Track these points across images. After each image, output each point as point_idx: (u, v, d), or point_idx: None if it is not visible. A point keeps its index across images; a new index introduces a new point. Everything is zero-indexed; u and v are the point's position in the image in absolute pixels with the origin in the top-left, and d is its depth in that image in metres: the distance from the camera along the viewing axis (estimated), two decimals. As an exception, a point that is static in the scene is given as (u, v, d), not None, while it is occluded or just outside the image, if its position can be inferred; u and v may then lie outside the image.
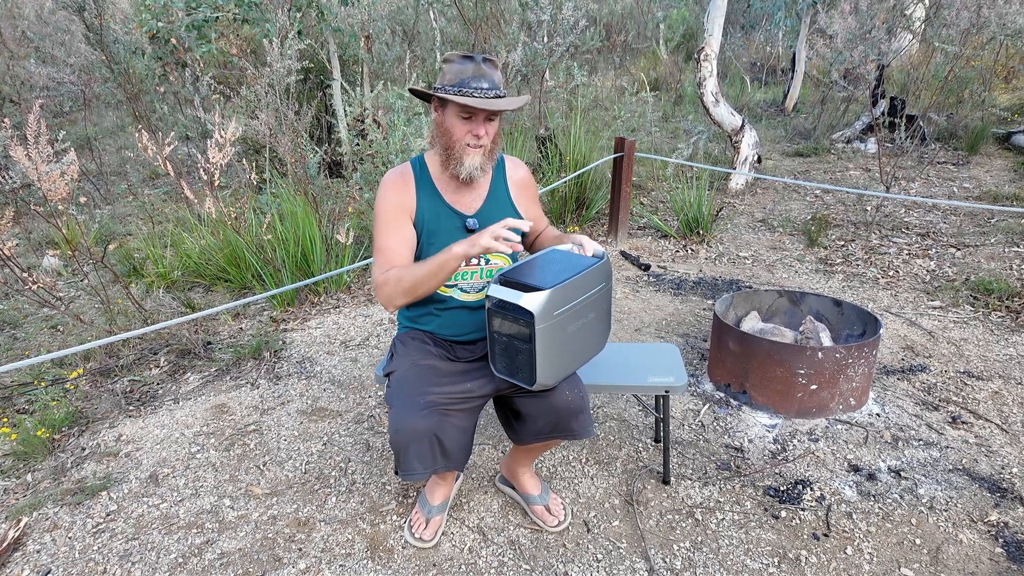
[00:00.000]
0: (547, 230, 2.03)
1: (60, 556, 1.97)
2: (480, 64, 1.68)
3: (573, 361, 1.71)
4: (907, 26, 6.36)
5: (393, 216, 1.77)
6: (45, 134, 2.66)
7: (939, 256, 4.10)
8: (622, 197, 4.44)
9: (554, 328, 1.58)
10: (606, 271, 1.71)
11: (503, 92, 1.71)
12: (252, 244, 3.63)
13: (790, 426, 2.47)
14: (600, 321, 1.76)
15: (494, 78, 1.69)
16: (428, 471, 1.66)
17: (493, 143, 1.76)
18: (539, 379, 1.61)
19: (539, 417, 1.74)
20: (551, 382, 1.66)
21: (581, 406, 1.74)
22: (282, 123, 3.98)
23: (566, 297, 1.59)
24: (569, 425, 1.74)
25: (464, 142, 1.71)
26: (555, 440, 1.82)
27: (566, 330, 1.63)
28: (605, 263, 1.70)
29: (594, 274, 1.66)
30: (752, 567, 1.85)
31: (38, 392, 2.80)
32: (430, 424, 1.63)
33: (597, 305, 1.71)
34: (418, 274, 1.67)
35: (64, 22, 7.70)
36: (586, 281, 1.64)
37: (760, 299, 2.94)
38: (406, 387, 1.70)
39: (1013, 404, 2.60)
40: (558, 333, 1.60)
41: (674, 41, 10.18)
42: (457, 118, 1.69)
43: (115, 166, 6.58)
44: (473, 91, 1.65)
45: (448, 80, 1.68)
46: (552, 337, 1.59)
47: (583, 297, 1.64)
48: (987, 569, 1.83)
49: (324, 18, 5.03)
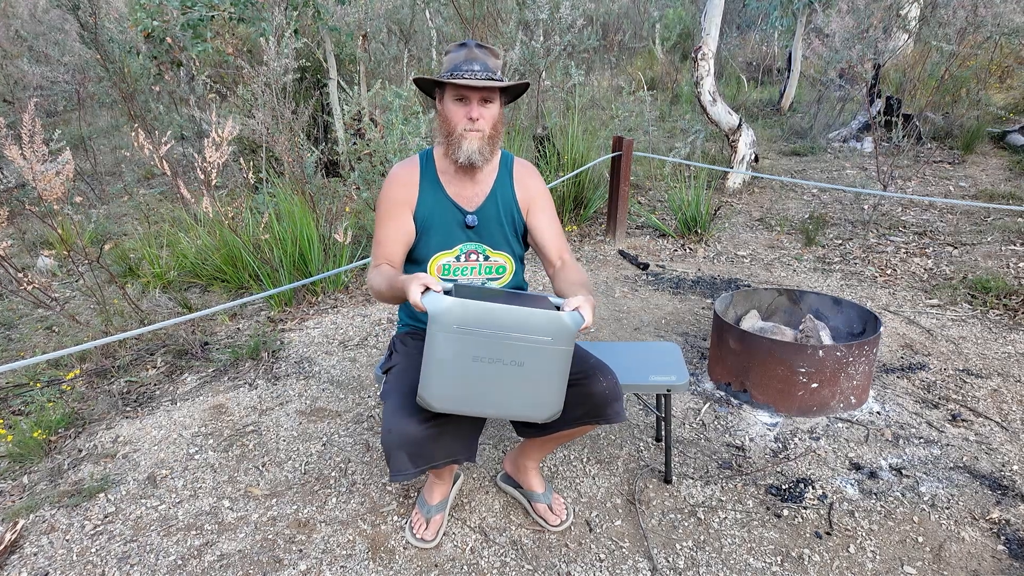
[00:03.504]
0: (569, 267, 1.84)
1: (58, 559, 1.95)
2: (473, 48, 1.71)
3: (481, 403, 1.51)
4: (903, 25, 6.37)
5: (392, 210, 1.80)
6: (40, 133, 2.64)
7: (936, 255, 4.11)
8: (620, 196, 4.44)
9: (456, 345, 1.44)
10: (559, 328, 1.46)
11: (498, 76, 1.71)
12: (249, 244, 3.61)
13: (791, 424, 2.47)
14: (540, 381, 1.50)
15: (487, 62, 1.71)
16: (418, 470, 1.64)
17: (493, 129, 1.75)
18: (420, 391, 1.49)
19: (574, 406, 1.69)
20: (436, 405, 1.49)
21: (617, 394, 1.71)
22: (279, 122, 3.96)
23: (483, 320, 1.43)
24: (604, 412, 1.70)
25: (461, 127, 1.72)
26: (584, 427, 1.76)
27: (470, 358, 1.46)
28: (559, 318, 1.46)
29: (535, 319, 1.45)
30: (755, 566, 1.85)
31: (34, 393, 2.78)
32: (422, 430, 1.60)
33: (535, 358, 1.48)
34: (383, 289, 1.69)
35: (58, 21, 7.65)
36: (522, 320, 1.44)
37: (760, 298, 2.94)
38: (402, 388, 1.69)
39: (1012, 402, 2.60)
40: (462, 355, 1.45)
41: (670, 41, 10.19)
42: (453, 103, 1.72)
43: (110, 166, 6.55)
44: (464, 73, 1.67)
45: (444, 68, 1.73)
46: (446, 352, 1.44)
47: (513, 336, 1.45)
48: (989, 567, 1.83)
49: (320, 17, 5.01)
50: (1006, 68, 7.37)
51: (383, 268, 1.76)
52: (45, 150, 2.68)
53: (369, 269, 1.79)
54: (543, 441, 1.89)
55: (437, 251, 1.82)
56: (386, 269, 1.75)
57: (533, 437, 1.84)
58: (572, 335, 1.48)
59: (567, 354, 1.50)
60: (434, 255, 1.82)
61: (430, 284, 1.49)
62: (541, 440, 1.89)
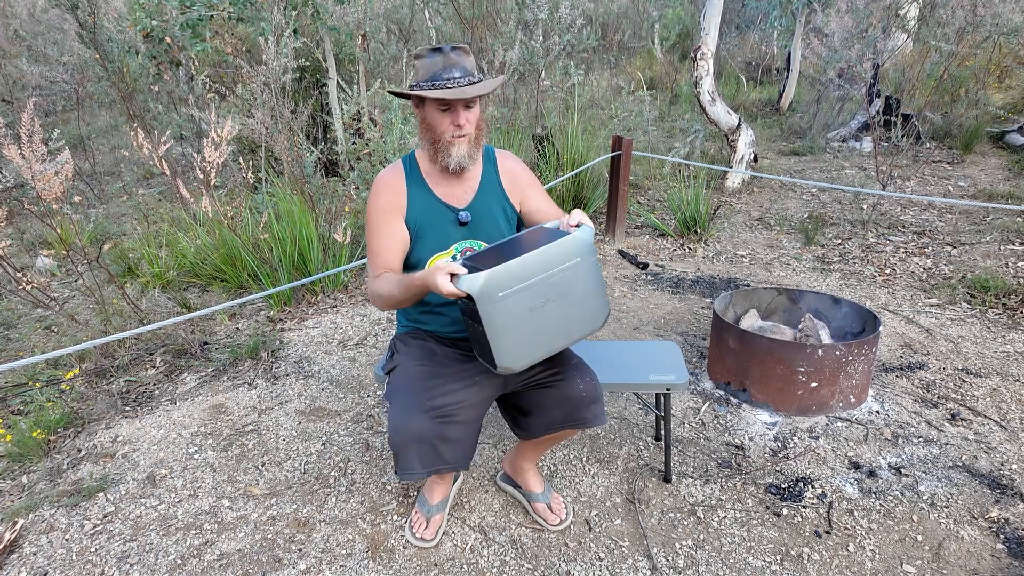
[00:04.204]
0: None
1: (57, 558, 1.95)
2: (449, 54, 1.66)
3: (549, 343, 1.59)
4: (902, 25, 6.38)
5: (383, 219, 1.77)
6: (39, 133, 2.64)
7: (935, 254, 4.11)
8: (619, 196, 4.44)
9: (507, 308, 1.49)
10: (579, 245, 1.56)
11: (477, 78, 1.69)
12: (248, 243, 3.61)
13: (790, 424, 2.47)
14: (586, 298, 1.61)
15: (465, 65, 1.67)
16: (428, 471, 1.65)
17: (478, 129, 1.74)
18: (499, 362, 1.53)
19: (552, 408, 1.72)
20: (517, 366, 1.56)
21: (595, 396, 1.73)
22: (278, 122, 3.96)
23: (518, 276, 1.49)
24: (582, 414, 1.72)
25: (447, 135, 1.70)
26: (566, 431, 1.79)
27: (528, 310, 1.52)
28: (575, 237, 1.56)
29: (558, 249, 1.53)
30: (755, 565, 1.85)
31: (33, 393, 2.77)
32: (431, 427, 1.61)
33: (572, 281, 1.57)
34: (396, 291, 1.67)
35: (57, 20, 7.64)
36: (547, 257, 1.52)
37: (759, 297, 2.94)
38: (407, 387, 1.69)
39: (1011, 401, 2.60)
40: (516, 313, 1.50)
41: (670, 40, 10.19)
42: (436, 112, 1.69)
43: (109, 165, 6.54)
44: (446, 82, 1.64)
45: (421, 76, 1.68)
46: (507, 318, 1.49)
47: (546, 274, 1.53)
48: (988, 565, 1.83)
49: (320, 17, 5.01)
50: (1005, 68, 7.38)
51: (387, 276, 1.73)
52: (44, 150, 2.68)
53: (369, 281, 1.77)
54: (536, 443, 1.91)
55: (432, 253, 1.81)
56: (391, 276, 1.73)
57: (526, 439, 1.85)
58: (593, 245, 1.59)
59: (596, 263, 1.63)
60: (430, 257, 1.82)
61: (455, 271, 1.49)
62: (534, 442, 1.90)
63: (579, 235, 1.56)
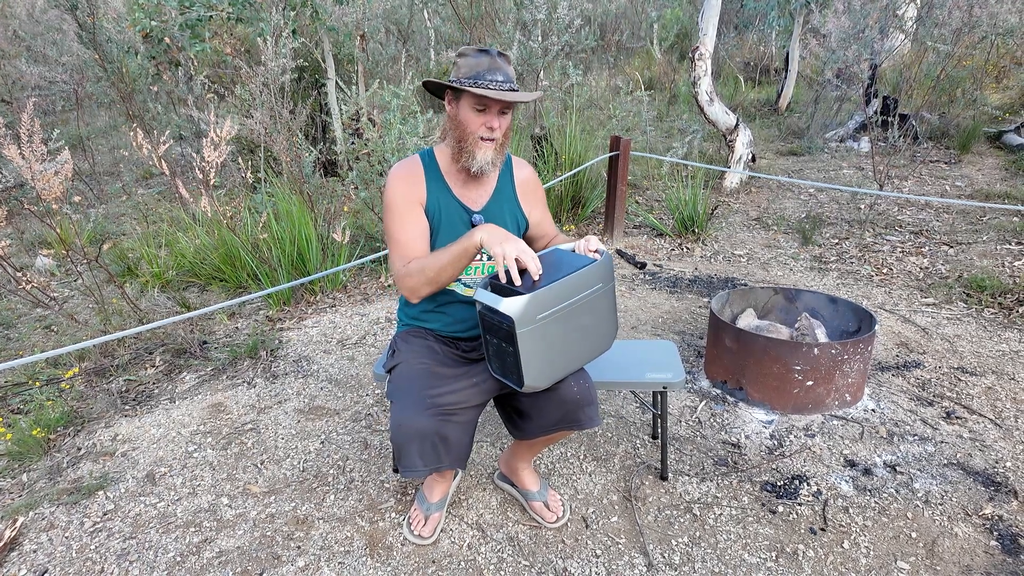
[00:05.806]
0: (557, 237, 2.00)
1: (57, 556, 1.96)
2: (495, 57, 1.69)
3: (568, 363, 1.67)
4: (899, 26, 6.40)
5: (406, 208, 1.77)
6: (38, 133, 2.65)
7: (932, 254, 4.13)
8: (618, 196, 4.45)
9: (540, 331, 1.55)
10: (604, 271, 1.66)
11: (516, 87, 1.72)
12: (247, 243, 3.62)
13: (786, 422, 2.48)
14: (602, 321, 1.71)
15: (508, 72, 1.70)
16: (429, 468, 1.66)
17: (505, 137, 1.76)
18: (527, 382, 1.59)
19: (547, 411, 1.74)
20: (542, 384, 1.63)
21: (589, 399, 1.74)
22: (277, 122, 3.97)
23: (552, 299, 1.55)
24: (576, 416, 1.74)
25: (478, 135, 1.71)
26: (561, 432, 1.81)
27: (556, 332, 1.59)
28: (602, 263, 1.65)
29: (588, 275, 1.62)
30: (750, 561, 1.86)
31: (33, 392, 2.78)
32: (433, 424, 1.63)
33: (595, 306, 1.67)
34: (442, 261, 1.68)
35: (56, 21, 7.65)
36: (578, 282, 1.60)
37: (756, 296, 2.96)
38: (409, 384, 1.70)
39: (1006, 399, 2.62)
40: (546, 336, 1.57)
41: (668, 41, 10.21)
42: (471, 110, 1.70)
43: (108, 166, 6.55)
44: (488, 83, 1.66)
45: (463, 73, 1.68)
46: (538, 340, 1.56)
47: (575, 299, 1.60)
48: (982, 562, 1.85)
49: (319, 17, 5.02)
50: (1002, 68, 7.40)
51: (419, 260, 1.73)
52: (43, 150, 2.69)
53: (398, 270, 1.75)
54: (531, 443, 1.93)
55: None
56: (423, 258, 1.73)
57: (521, 439, 1.87)
58: (612, 270, 1.69)
59: (614, 287, 1.73)
60: None
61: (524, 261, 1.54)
62: (529, 442, 1.92)
63: (604, 261, 1.66)
